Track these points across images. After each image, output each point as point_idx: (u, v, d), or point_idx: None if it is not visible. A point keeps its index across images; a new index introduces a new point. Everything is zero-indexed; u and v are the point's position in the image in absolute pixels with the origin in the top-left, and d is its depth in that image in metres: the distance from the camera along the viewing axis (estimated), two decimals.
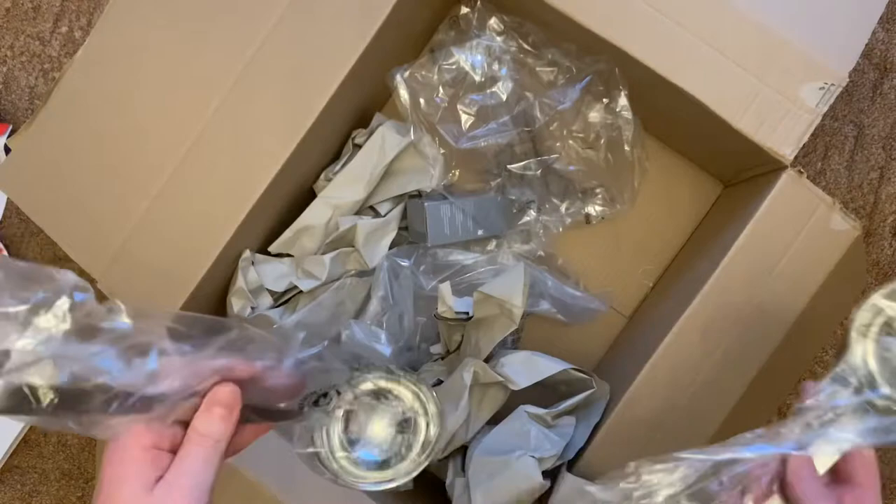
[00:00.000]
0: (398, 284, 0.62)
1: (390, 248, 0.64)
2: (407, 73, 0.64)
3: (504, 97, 0.64)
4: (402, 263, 0.62)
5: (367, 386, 0.44)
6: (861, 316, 0.41)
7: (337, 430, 0.44)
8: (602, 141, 0.65)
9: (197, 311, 0.57)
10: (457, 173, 0.68)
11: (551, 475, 0.54)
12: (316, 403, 0.42)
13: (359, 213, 0.64)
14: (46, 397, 0.29)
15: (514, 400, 0.57)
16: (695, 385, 0.54)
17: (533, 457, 0.53)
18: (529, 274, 0.59)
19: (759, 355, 0.54)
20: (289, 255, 0.63)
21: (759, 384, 0.54)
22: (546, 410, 0.57)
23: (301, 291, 0.62)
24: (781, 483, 0.38)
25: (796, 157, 0.54)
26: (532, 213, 0.68)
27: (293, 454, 0.47)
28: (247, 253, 0.60)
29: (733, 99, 0.54)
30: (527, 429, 0.55)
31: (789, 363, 0.60)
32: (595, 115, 0.65)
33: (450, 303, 0.58)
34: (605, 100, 0.64)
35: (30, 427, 0.80)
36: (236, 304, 0.59)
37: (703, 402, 0.54)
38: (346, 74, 0.55)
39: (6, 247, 0.80)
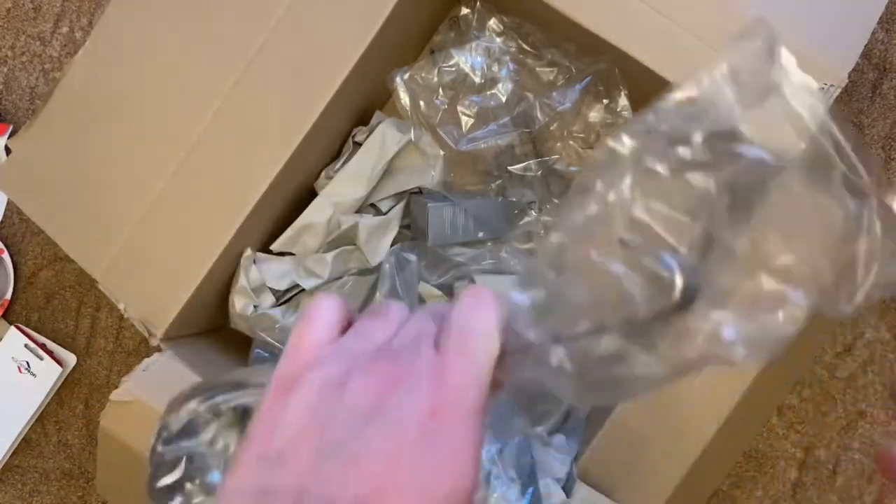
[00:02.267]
0: (403, 278, 0.62)
1: (393, 244, 0.64)
2: (407, 76, 0.64)
3: (504, 98, 0.64)
4: (408, 258, 0.63)
5: None
6: None
7: None
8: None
9: (198, 309, 0.57)
10: (457, 175, 0.68)
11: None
12: None
13: (360, 210, 0.64)
14: None
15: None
16: (695, 385, 0.54)
17: (553, 478, 0.54)
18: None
19: None
20: (291, 254, 0.63)
21: (758, 384, 0.54)
22: (540, 428, 0.57)
23: (303, 290, 0.62)
24: None
25: None
26: (533, 214, 0.68)
27: None
28: (248, 251, 0.60)
29: None
30: (533, 452, 0.56)
31: (789, 364, 0.60)
32: (595, 116, 0.65)
33: None
34: (605, 100, 0.64)
35: (30, 427, 0.80)
36: (238, 302, 0.59)
37: (702, 403, 0.54)
38: (347, 74, 0.55)
39: (6, 247, 0.80)
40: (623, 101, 0.63)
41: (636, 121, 0.26)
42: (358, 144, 0.64)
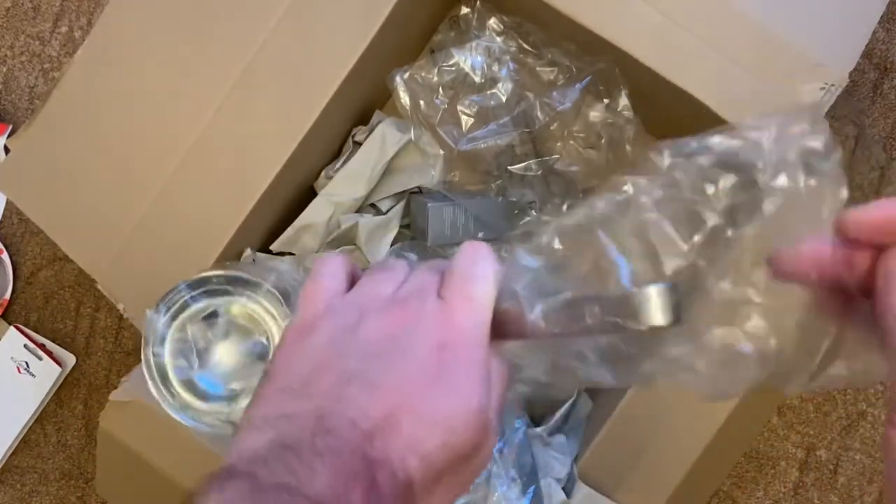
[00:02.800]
0: None
1: (393, 243, 0.64)
2: (407, 75, 0.64)
3: (504, 98, 0.64)
4: (409, 257, 0.63)
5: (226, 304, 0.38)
6: None
7: (172, 337, 0.37)
8: (603, 140, 0.65)
9: None
10: (457, 175, 0.68)
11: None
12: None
13: (360, 210, 0.64)
14: None
15: None
16: None
17: (554, 478, 0.54)
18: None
19: None
20: (290, 254, 0.63)
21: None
22: (540, 428, 0.57)
23: None
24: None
25: None
26: (533, 214, 0.68)
27: None
28: (248, 251, 0.60)
29: (733, 99, 0.54)
30: (534, 452, 0.56)
31: None
32: (596, 115, 0.65)
33: None
34: (605, 99, 0.64)
35: (29, 427, 0.79)
36: None
37: (703, 403, 0.54)
38: (347, 74, 0.55)
39: (6, 247, 0.80)
40: (623, 100, 0.63)
41: (680, 143, 0.28)
42: (358, 144, 0.64)
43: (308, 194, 0.64)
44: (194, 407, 0.38)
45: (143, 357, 0.39)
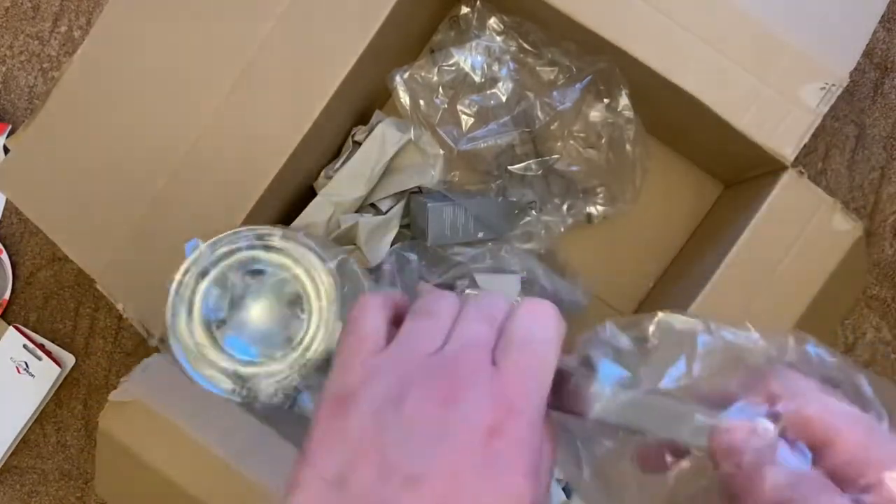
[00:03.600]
0: (403, 277, 0.62)
1: (393, 243, 0.64)
2: (406, 75, 0.64)
3: (504, 98, 0.64)
4: (409, 257, 0.63)
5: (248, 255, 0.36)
6: None
7: (205, 288, 0.35)
8: (603, 140, 0.65)
9: None
10: (457, 175, 0.68)
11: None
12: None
13: (359, 210, 0.64)
14: None
15: None
16: None
17: (554, 478, 0.53)
18: (524, 266, 0.60)
19: None
20: None
21: None
22: None
23: None
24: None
25: (797, 158, 0.54)
26: (533, 214, 0.68)
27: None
28: None
29: (733, 99, 0.54)
30: None
31: None
32: (596, 115, 0.65)
33: None
34: (605, 99, 0.64)
35: (29, 427, 0.79)
36: None
37: None
38: (347, 74, 0.55)
39: (5, 247, 0.80)
40: (624, 100, 0.63)
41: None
42: (357, 144, 0.64)
43: (308, 194, 0.64)
44: (204, 350, 0.36)
45: (174, 281, 0.37)
